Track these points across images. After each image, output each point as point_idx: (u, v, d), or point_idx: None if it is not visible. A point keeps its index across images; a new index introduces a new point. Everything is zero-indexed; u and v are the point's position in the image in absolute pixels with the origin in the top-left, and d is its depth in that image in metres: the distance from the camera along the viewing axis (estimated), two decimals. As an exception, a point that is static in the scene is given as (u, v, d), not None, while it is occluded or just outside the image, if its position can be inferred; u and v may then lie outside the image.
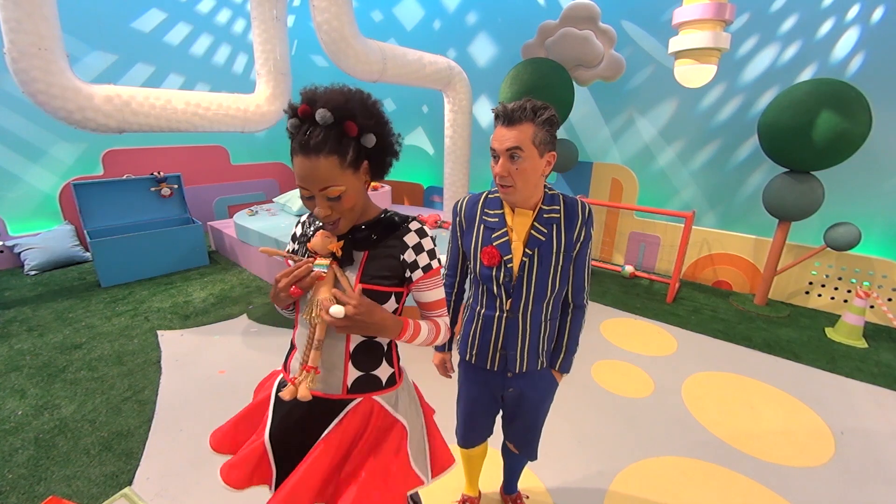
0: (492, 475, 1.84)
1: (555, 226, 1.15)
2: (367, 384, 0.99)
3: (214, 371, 2.70)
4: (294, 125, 0.86)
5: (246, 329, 3.24)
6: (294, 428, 0.99)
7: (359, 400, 0.98)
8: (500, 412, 1.45)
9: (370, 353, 0.99)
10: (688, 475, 1.91)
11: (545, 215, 1.15)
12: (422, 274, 0.98)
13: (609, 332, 3.24)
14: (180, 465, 1.96)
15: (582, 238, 1.16)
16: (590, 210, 1.17)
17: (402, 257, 0.95)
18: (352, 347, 0.97)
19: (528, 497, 1.78)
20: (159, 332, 3.17)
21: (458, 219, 1.25)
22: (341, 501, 0.91)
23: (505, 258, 1.15)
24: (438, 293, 1.02)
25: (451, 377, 1.46)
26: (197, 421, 2.25)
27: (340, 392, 0.97)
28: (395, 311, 0.98)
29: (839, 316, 3.36)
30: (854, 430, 2.22)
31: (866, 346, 3.07)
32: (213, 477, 1.89)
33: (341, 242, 0.93)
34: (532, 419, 1.39)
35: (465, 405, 1.42)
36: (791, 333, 3.25)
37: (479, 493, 1.76)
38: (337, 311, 0.83)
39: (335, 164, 0.84)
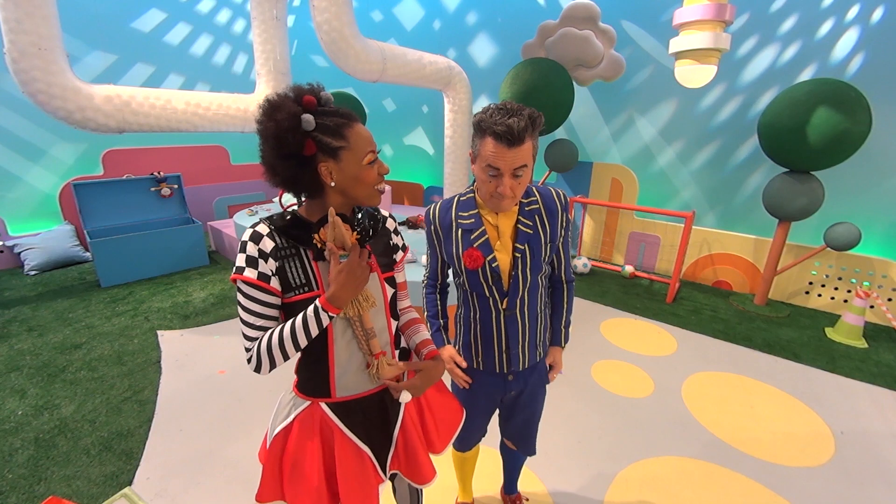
0: (490, 476, 1.85)
1: (537, 217, 1.14)
2: (404, 356, 1.12)
3: (214, 371, 2.70)
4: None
5: (246, 329, 3.23)
6: (373, 421, 1.05)
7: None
8: (496, 412, 1.44)
9: (399, 334, 1.10)
10: (688, 475, 1.92)
11: (527, 208, 1.14)
12: (402, 254, 1.09)
13: (609, 332, 3.24)
14: (180, 465, 1.96)
15: (564, 225, 1.19)
16: (565, 195, 1.18)
17: (391, 242, 1.06)
18: (394, 333, 1.06)
19: (528, 500, 1.78)
20: (159, 332, 3.17)
21: (432, 227, 1.19)
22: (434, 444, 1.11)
23: (488, 258, 1.12)
24: (405, 274, 1.13)
25: (468, 383, 1.30)
26: (197, 421, 2.25)
27: None
28: (394, 293, 1.05)
29: (839, 316, 3.36)
30: (854, 430, 2.22)
31: (866, 346, 3.06)
32: (213, 477, 1.90)
33: (356, 233, 0.94)
34: (530, 413, 1.39)
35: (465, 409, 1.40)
36: (791, 333, 3.25)
37: (473, 500, 1.76)
38: (405, 396, 0.96)
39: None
